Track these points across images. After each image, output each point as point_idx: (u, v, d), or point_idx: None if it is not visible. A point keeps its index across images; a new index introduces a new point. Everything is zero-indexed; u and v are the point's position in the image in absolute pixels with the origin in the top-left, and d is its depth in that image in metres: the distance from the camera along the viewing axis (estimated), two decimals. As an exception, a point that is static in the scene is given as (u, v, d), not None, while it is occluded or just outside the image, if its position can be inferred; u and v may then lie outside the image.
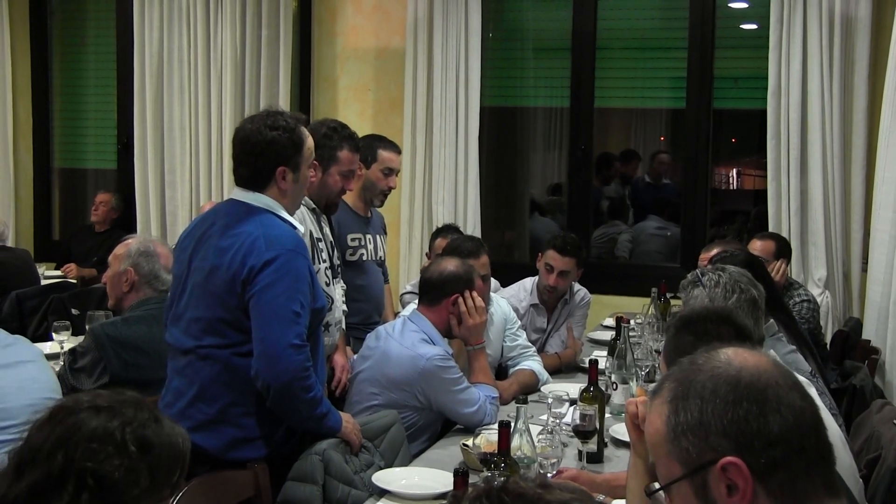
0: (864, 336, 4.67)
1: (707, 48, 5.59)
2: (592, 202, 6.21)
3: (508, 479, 1.23)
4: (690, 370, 1.37)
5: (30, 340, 3.24)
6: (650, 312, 4.24)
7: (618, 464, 2.86)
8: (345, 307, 3.74)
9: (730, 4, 5.93)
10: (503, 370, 3.90)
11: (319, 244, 3.52)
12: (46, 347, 4.02)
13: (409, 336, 3.27)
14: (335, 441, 2.78)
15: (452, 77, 5.73)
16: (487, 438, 2.73)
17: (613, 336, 3.75)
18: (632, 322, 4.22)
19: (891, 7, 5.11)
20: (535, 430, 2.67)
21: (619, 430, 3.05)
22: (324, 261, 3.53)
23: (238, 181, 2.90)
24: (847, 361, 4.21)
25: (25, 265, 5.58)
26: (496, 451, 2.39)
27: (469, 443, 2.81)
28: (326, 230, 3.65)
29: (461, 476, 2.10)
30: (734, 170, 7.75)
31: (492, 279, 4.08)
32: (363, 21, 6.14)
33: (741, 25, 6.07)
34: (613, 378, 3.44)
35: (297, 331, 2.69)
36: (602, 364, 3.49)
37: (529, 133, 6.45)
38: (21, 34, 6.97)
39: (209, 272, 2.77)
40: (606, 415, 3.08)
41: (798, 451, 1.29)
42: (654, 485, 1.38)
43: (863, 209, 5.11)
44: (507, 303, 4.08)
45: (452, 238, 4.11)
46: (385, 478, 2.69)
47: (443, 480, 2.62)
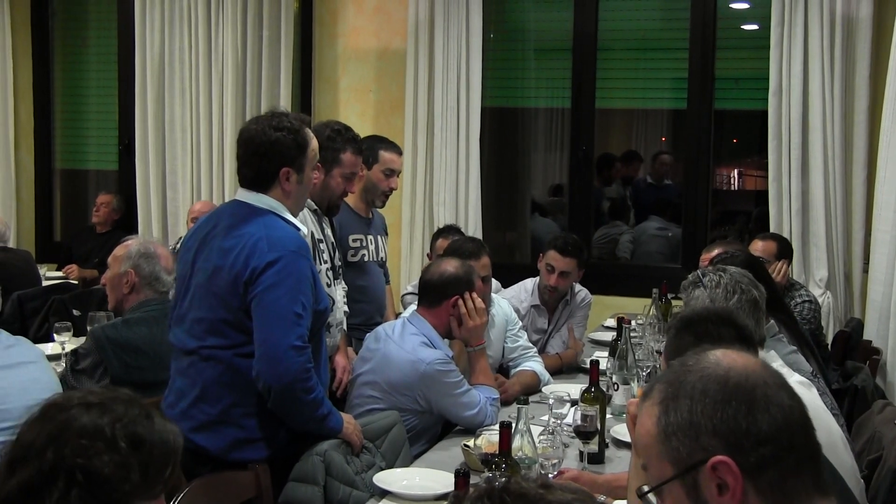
0: (866, 336, 4.67)
1: (708, 49, 5.58)
2: (593, 203, 6.21)
3: (510, 480, 1.23)
4: (680, 372, 1.38)
5: (31, 341, 3.24)
6: (651, 313, 4.24)
7: (619, 464, 2.86)
8: (346, 308, 3.74)
9: (731, 5, 5.93)
10: (504, 371, 3.90)
11: (321, 245, 3.52)
12: (48, 348, 4.02)
13: (410, 339, 3.26)
14: (336, 442, 2.79)
15: (453, 78, 5.73)
16: (488, 439, 2.73)
17: (614, 337, 3.75)
18: (633, 323, 4.22)
19: (892, 7, 5.11)
20: (537, 431, 2.67)
21: (621, 431, 3.05)
22: (325, 262, 3.53)
23: (242, 182, 2.90)
24: (848, 362, 4.21)
25: (27, 266, 5.58)
26: (497, 452, 2.39)
27: (470, 443, 2.81)
28: (328, 231, 3.65)
29: (462, 477, 2.10)
30: (735, 170, 7.75)
31: (493, 280, 4.08)
32: (364, 22, 6.14)
33: (742, 26, 6.08)
34: (614, 379, 3.44)
35: (299, 332, 2.70)
36: (603, 365, 3.49)
37: (530, 134, 6.45)
38: (22, 35, 6.97)
39: (212, 273, 2.77)
40: (607, 415, 3.09)
41: (787, 450, 1.30)
42: (646, 486, 1.38)
43: (864, 210, 5.11)
44: (508, 303, 4.08)
45: (453, 239, 4.10)
46: (386, 478, 2.69)
47: (444, 481, 2.62)
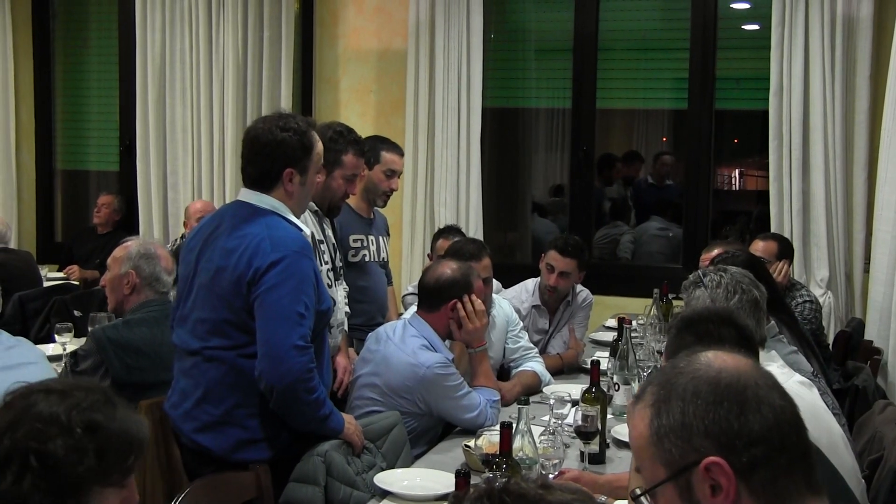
0: (867, 337, 4.67)
1: (709, 49, 5.58)
2: (594, 203, 6.21)
3: (510, 480, 1.24)
4: (672, 374, 1.38)
5: (32, 342, 3.25)
6: (652, 313, 4.24)
7: (620, 465, 2.85)
8: (347, 309, 3.74)
9: (731, 5, 5.93)
10: (505, 371, 3.90)
11: (321, 246, 3.52)
12: (49, 349, 4.02)
13: (410, 342, 3.25)
14: (337, 442, 2.79)
15: (454, 78, 5.73)
16: (489, 439, 2.73)
17: (615, 337, 3.75)
18: (634, 323, 4.22)
19: (892, 7, 5.11)
20: (537, 431, 2.67)
21: (621, 431, 3.04)
22: (325, 262, 3.53)
23: (245, 181, 2.91)
24: (849, 362, 4.21)
25: (28, 267, 5.59)
26: (498, 453, 2.39)
27: (471, 444, 2.81)
28: (329, 232, 3.65)
29: (463, 477, 2.10)
30: (736, 170, 7.76)
31: (494, 280, 4.08)
32: (365, 22, 6.14)
33: (743, 26, 6.08)
34: (615, 379, 3.44)
35: (301, 332, 2.70)
36: (604, 365, 3.50)
37: (531, 134, 6.45)
38: (24, 36, 6.97)
39: (215, 273, 2.78)
40: (608, 416, 3.09)
41: (779, 450, 1.30)
42: (639, 489, 1.38)
43: (865, 210, 5.10)
44: (509, 304, 4.07)
45: (454, 241, 4.10)
46: (387, 479, 2.69)
47: (444, 482, 2.62)
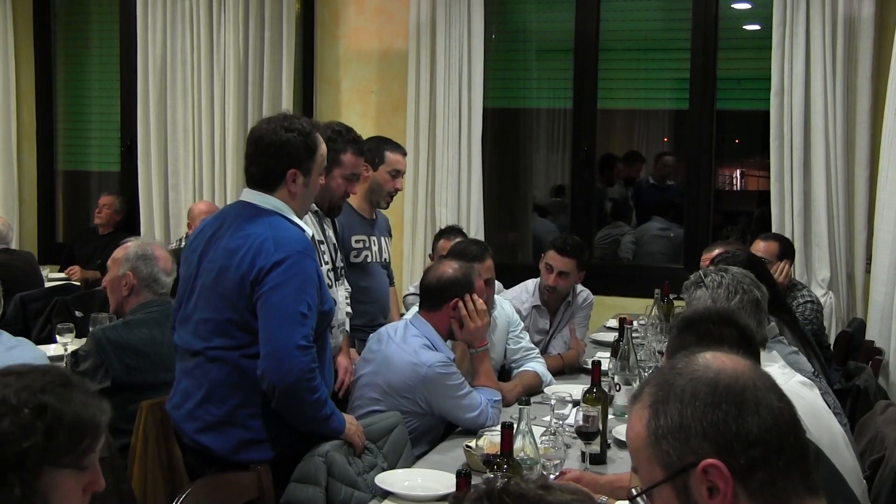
0: (868, 337, 4.67)
1: (710, 49, 5.58)
2: (595, 203, 6.21)
3: (510, 481, 1.24)
4: (670, 375, 1.38)
5: (33, 343, 3.26)
6: (653, 313, 4.24)
7: (621, 465, 2.85)
8: (349, 309, 3.74)
9: (733, 5, 5.92)
10: (506, 372, 3.89)
11: (321, 247, 3.52)
12: (50, 350, 4.03)
13: (411, 342, 3.25)
14: (338, 443, 2.79)
15: (455, 78, 5.73)
16: (490, 440, 2.73)
17: (616, 337, 3.74)
18: (635, 323, 4.22)
19: (894, 7, 5.11)
20: (538, 432, 2.67)
21: (622, 432, 3.03)
22: (325, 263, 3.53)
23: (249, 181, 2.92)
24: (851, 362, 4.21)
25: (29, 267, 5.59)
26: (499, 453, 2.39)
27: (472, 444, 2.81)
28: (329, 233, 3.65)
29: (464, 477, 2.10)
30: (737, 171, 7.76)
31: (496, 282, 4.07)
32: (366, 23, 6.14)
33: (744, 26, 6.07)
34: (616, 379, 3.43)
35: (304, 332, 2.70)
36: (605, 365, 3.49)
37: (532, 134, 6.45)
38: (25, 37, 6.98)
39: (218, 273, 2.78)
40: (609, 416, 3.08)
41: (777, 451, 1.30)
42: (635, 489, 1.38)
43: (866, 210, 5.10)
44: (511, 305, 4.07)
45: (457, 242, 4.09)
46: (388, 479, 2.69)
47: (445, 482, 2.61)
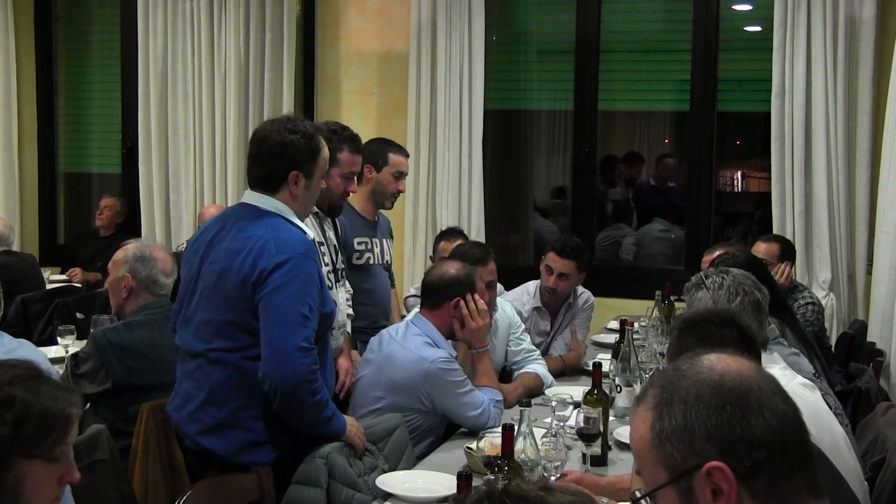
0: (869, 338, 4.67)
1: (711, 50, 5.58)
2: (596, 205, 6.21)
3: (510, 482, 1.23)
4: (674, 376, 1.37)
5: (35, 345, 3.25)
6: (654, 315, 4.23)
7: (622, 467, 2.85)
8: (350, 311, 3.74)
9: (733, 7, 5.92)
10: (507, 374, 3.89)
11: (322, 248, 3.51)
12: (51, 352, 4.04)
13: (413, 339, 3.26)
14: (339, 444, 2.79)
15: (456, 80, 5.73)
16: (491, 442, 2.73)
17: (617, 339, 3.74)
18: (636, 325, 4.22)
19: (895, 9, 5.10)
20: (539, 433, 2.67)
21: (623, 433, 3.04)
22: (326, 265, 3.53)
23: (251, 182, 2.92)
24: (852, 364, 4.20)
25: (31, 269, 5.59)
26: (500, 455, 2.39)
27: (473, 446, 2.81)
28: (330, 234, 3.65)
29: (465, 479, 2.10)
30: (738, 172, 7.76)
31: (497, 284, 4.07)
32: (366, 24, 6.15)
33: (745, 28, 6.08)
34: (617, 381, 3.44)
35: (305, 334, 2.70)
36: (606, 367, 3.49)
37: (533, 136, 6.45)
38: (26, 39, 6.98)
39: (219, 275, 2.78)
40: (610, 418, 3.08)
41: (781, 454, 1.30)
42: (639, 491, 1.38)
43: (867, 211, 5.10)
44: (512, 307, 4.07)
45: (460, 244, 4.09)
46: (389, 481, 2.69)
47: (446, 483, 2.61)
